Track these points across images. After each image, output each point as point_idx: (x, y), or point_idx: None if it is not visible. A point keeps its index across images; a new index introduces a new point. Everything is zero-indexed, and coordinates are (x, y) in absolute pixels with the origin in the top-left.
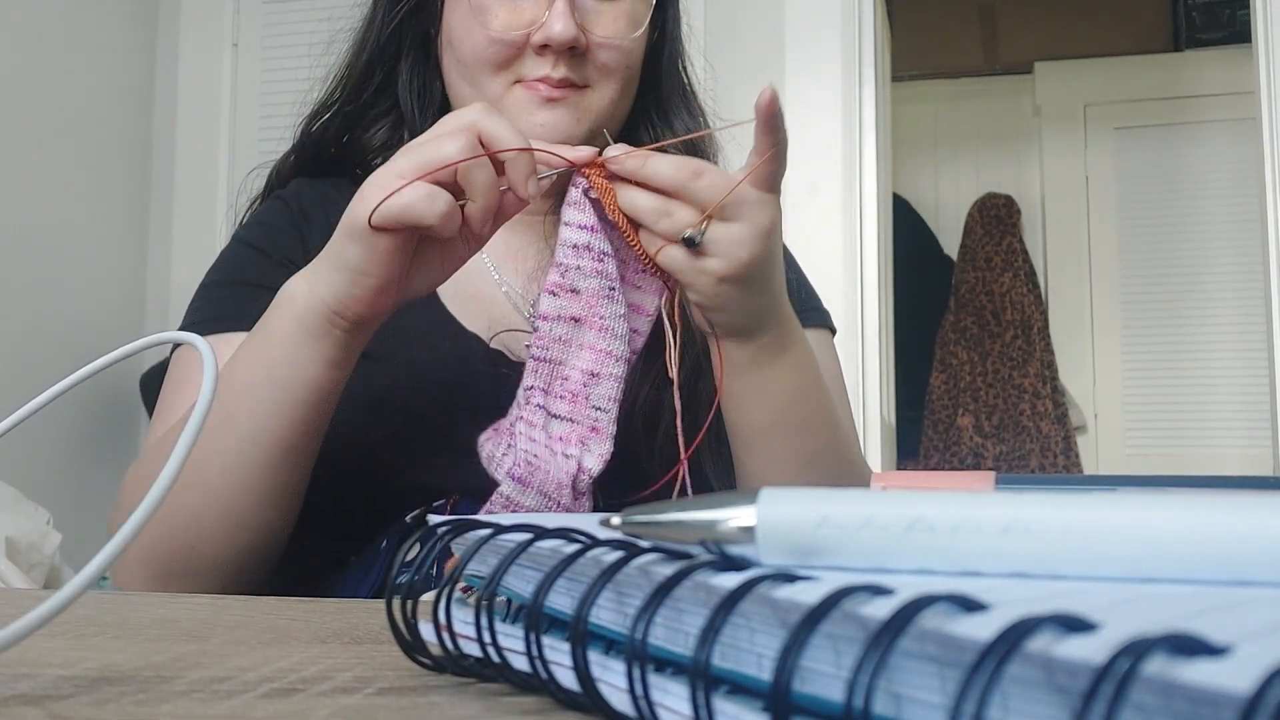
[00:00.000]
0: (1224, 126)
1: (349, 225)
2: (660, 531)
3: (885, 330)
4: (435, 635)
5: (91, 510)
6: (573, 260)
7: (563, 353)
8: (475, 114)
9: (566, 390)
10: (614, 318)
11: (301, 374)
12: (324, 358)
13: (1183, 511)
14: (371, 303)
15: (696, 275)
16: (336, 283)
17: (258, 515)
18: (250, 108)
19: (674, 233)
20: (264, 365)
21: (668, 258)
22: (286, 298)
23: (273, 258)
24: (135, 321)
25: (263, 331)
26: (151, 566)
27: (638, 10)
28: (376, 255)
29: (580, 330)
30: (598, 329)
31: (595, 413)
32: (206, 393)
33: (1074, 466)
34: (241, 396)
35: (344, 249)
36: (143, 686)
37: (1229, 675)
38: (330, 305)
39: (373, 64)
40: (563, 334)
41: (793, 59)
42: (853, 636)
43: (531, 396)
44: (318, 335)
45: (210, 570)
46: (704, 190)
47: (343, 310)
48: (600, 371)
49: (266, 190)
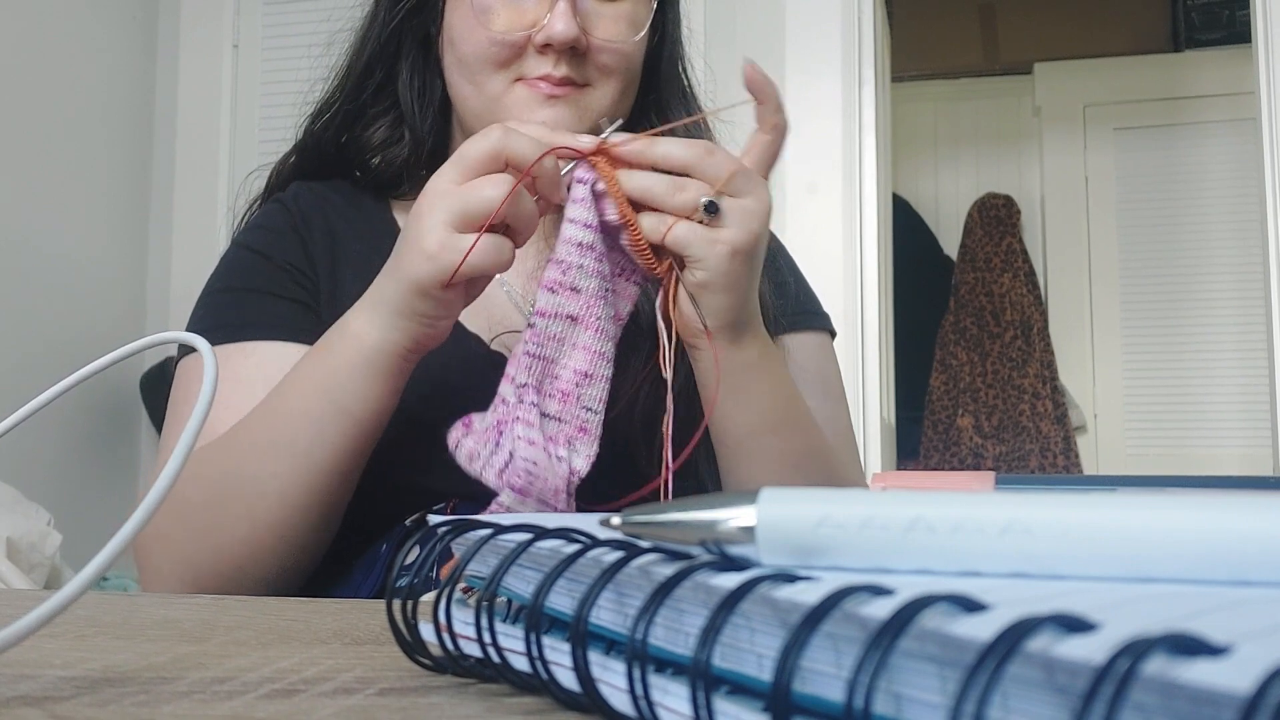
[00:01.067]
0: (1224, 127)
1: (419, 285)
2: (660, 532)
3: (885, 330)
4: (436, 636)
5: (92, 510)
6: (576, 258)
7: (556, 351)
8: (496, 140)
9: (557, 389)
10: (607, 319)
11: (370, 407)
12: (391, 390)
13: (1183, 511)
14: (440, 336)
15: (710, 247)
16: (410, 330)
17: (310, 537)
18: (250, 108)
19: (689, 205)
20: (327, 397)
21: (678, 234)
22: (353, 337)
23: (275, 261)
24: (135, 322)
25: (323, 364)
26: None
27: (639, 13)
28: (449, 305)
29: (576, 329)
30: (594, 329)
31: (585, 413)
32: (206, 393)
33: (1074, 466)
34: (303, 426)
35: (414, 304)
36: (143, 687)
37: (1229, 675)
38: (405, 347)
39: (373, 63)
40: (558, 332)
41: (793, 59)
42: (853, 636)
43: (525, 394)
44: (389, 373)
45: (254, 586)
46: (716, 166)
47: (416, 349)
48: (593, 372)
49: (266, 192)
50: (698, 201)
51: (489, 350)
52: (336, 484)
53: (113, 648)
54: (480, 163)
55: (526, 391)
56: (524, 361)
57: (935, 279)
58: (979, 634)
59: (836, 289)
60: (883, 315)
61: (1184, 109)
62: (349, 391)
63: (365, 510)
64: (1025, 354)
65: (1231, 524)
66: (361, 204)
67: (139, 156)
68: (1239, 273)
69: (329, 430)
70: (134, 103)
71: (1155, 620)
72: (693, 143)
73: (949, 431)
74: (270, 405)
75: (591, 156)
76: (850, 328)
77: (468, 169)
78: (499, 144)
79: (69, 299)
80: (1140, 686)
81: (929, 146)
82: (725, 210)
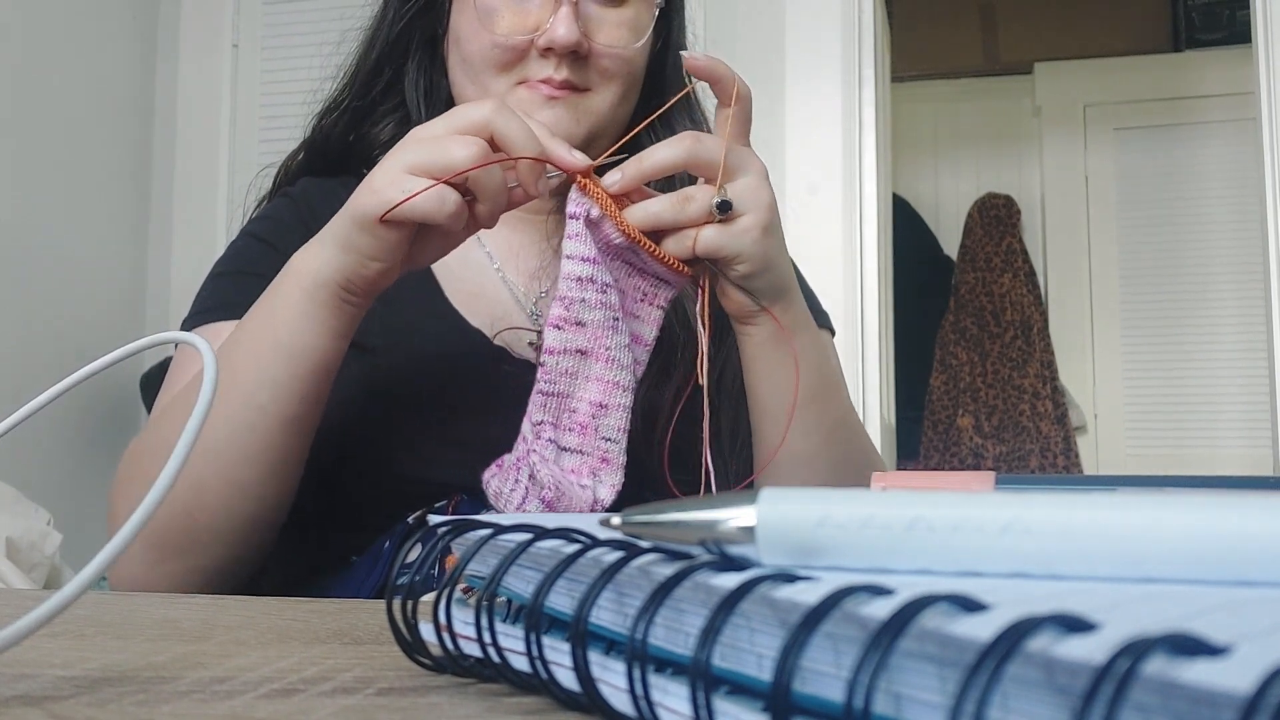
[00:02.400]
0: (1224, 127)
1: (357, 216)
2: (660, 532)
3: (885, 330)
4: (435, 635)
5: (92, 510)
6: (577, 293)
7: (570, 385)
8: (489, 112)
9: (575, 423)
10: (619, 348)
11: (309, 343)
12: (330, 328)
13: (1183, 511)
14: (377, 280)
15: (739, 238)
16: (346, 263)
17: (259, 484)
18: (250, 108)
19: (702, 213)
20: (271, 336)
21: (708, 242)
22: (293, 273)
23: (279, 249)
24: (135, 321)
25: (268, 304)
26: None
27: (641, 19)
28: (385, 245)
29: (586, 362)
30: (604, 360)
31: (605, 443)
32: (207, 391)
33: (1074, 466)
34: (248, 366)
35: (351, 235)
36: (143, 687)
37: (1229, 675)
38: (339, 282)
39: (381, 62)
40: (569, 367)
41: (793, 60)
42: (853, 636)
43: (542, 431)
44: (326, 307)
45: (211, 544)
46: (708, 152)
47: (350, 286)
48: (608, 403)
49: (275, 188)
50: (709, 206)
51: (492, 346)
52: (284, 426)
53: (112, 648)
54: (467, 127)
55: (543, 429)
56: (538, 400)
57: (935, 279)
58: (979, 634)
59: (836, 289)
60: (883, 315)
61: (1184, 109)
62: (286, 327)
63: (369, 504)
64: (1025, 354)
65: (1231, 524)
66: None
67: (139, 156)
68: (1239, 273)
69: (271, 370)
70: (134, 103)
71: (1155, 620)
72: (679, 138)
73: (949, 431)
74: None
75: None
76: (850, 328)
77: (452, 128)
78: (489, 116)
79: (69, 299)
80: (1140, 686)
81: (929, 146)
82: (735, 196)
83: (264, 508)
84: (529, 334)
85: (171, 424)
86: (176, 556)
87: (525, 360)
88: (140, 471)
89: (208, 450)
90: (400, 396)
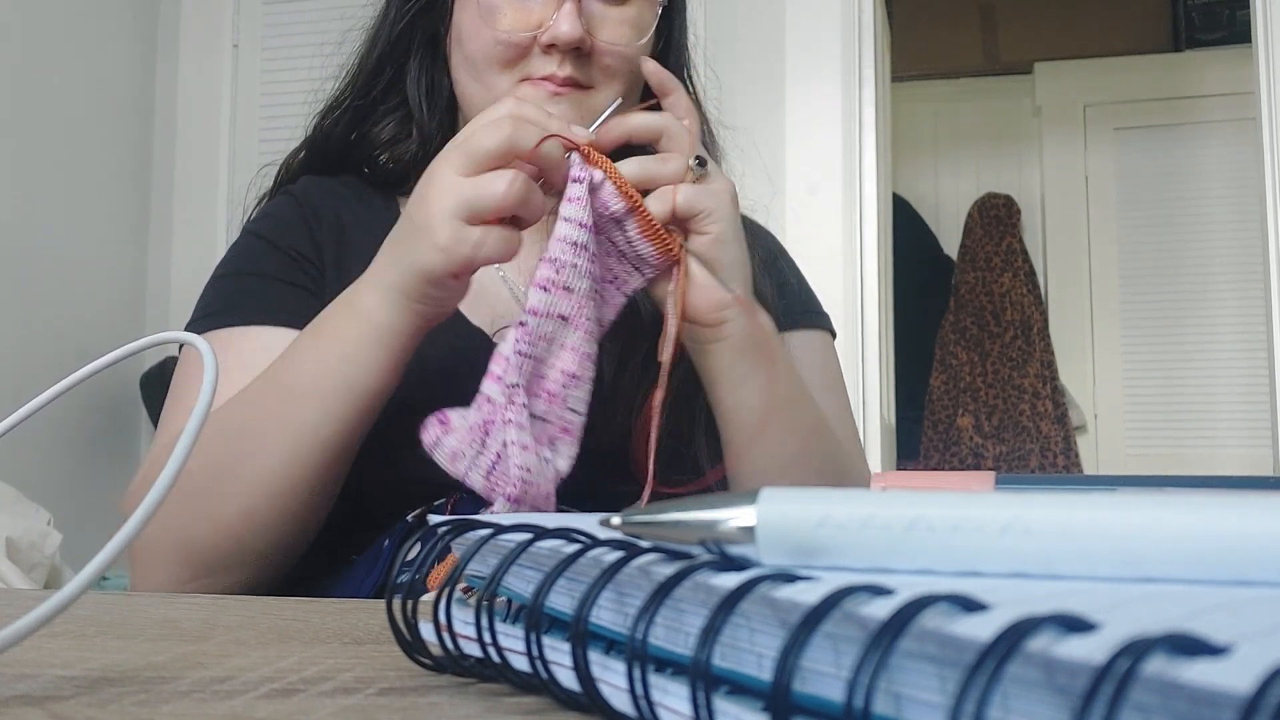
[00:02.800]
0: (1224, 126)
1: (429, 274)
2: (660, 531)
3: (885, 330)
4: (436, 635)
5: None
6: (570, 258)
7: (546, 350)
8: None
9: (544, 389)
10: (594, 321)
11: (377, 384)
12: (398, 369)
13: (1183, 511)
14: (446, 315)
15: (715, 198)
16: (421, 312)
17: (308, 511)
18: (250, 108)
19: (680, 169)
20: (336, 374)
21: (687, 197)
22: (364, 316)
23: (281, 249)
24: (135, 321)
25: (333, 342)
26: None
27: (644, 17)
28: (457, 293)
29: (566, 330)
30: (583, 330)
31: (570, 414)
32: (206, 393)
33: (1074, 466)
34: (311, 401)
35: (425, 290)
36: (143, 687)
37: (1229, 675)
38: (418, 327)
39: (383, 60)
40: (549, 331)
41: (793, 60)
42: (853, 636)
43: (516, 395)
44: (397, 352)
45: (254, 563)
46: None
47: (426, 329)
48: (580, 374)
49: (276, 186)
50: (688, 163)
51: (492, 345)
52: (336, 459)
53: (113, 647)
54: (491, 158)
55: (517, 393)
56: (515, 361)
57: (935, 279)
58: (979, 634)
59: (836, 289)
60: (883, 315)
61: (1184, 109)
62: (358, 368)
63: (368, 503)
64: (1025, 354)
65: (1231, 524)
66: (369, 199)
67: (139, 156)
68: (1239, 273)
69: (334, 406)
70: (134, 103)
71: (1155, 620)
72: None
73: (949, 431)
74: (274, 380)
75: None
76: (850, 328)
77: (476, 162)
78: (510, 140)
79: (69, 299)
80: (1140, 686)
81: (929, 146)
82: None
83: (308, 530)
84: None
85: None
86: (211, 575)
87: None
88: None
89: (260, 479)
90: (400, 396)
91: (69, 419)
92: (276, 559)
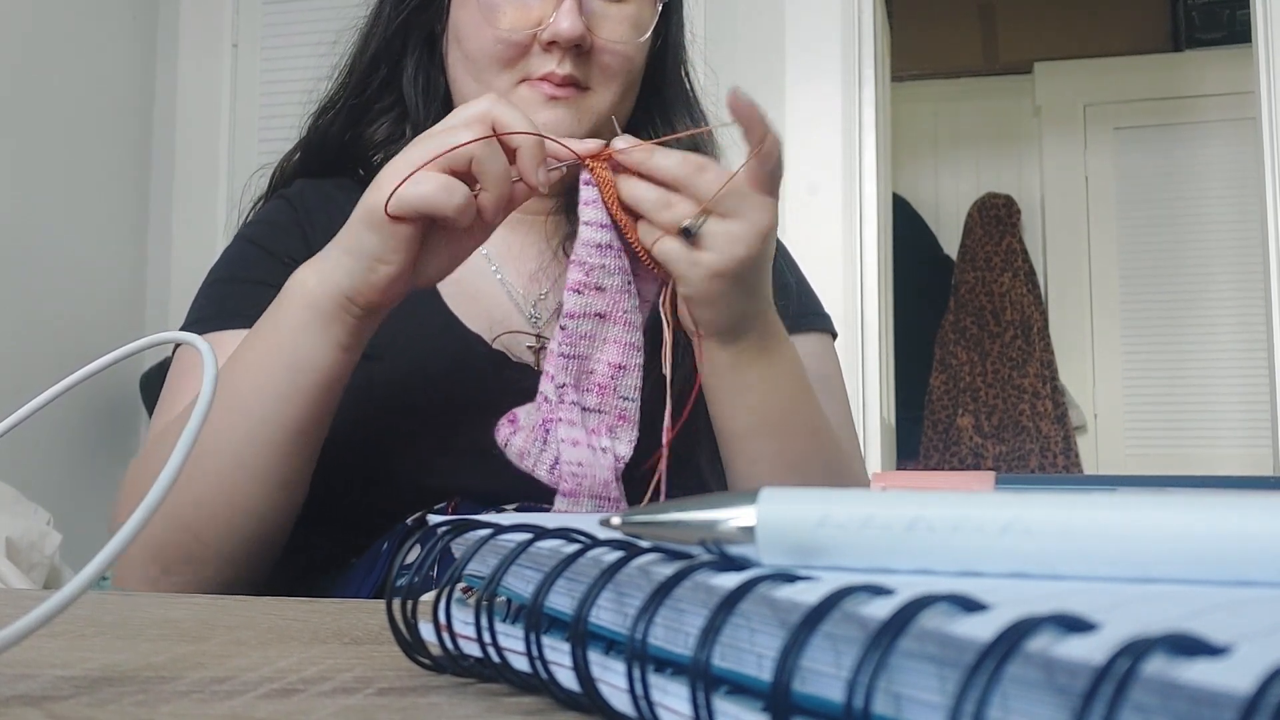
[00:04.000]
0: (1224, 126)
1: (366, 214)
2: (660, 531)
3: (885, 330)
4: (435, 635)
5: (91, 510)
6: (597, 259)
7: (589, 348)
8: (487, 103)
9: (594, 384)
10: (632, 310)
11: (313, 358)
12: (336, 342)
13: (1183, 511)
14: (385, 290)
15: (690, 268)
16: (352, 269)
17: (264, 503)
18: (250, 108)
19: (673, 223)
20: (275, 350)
21: (663, 250)
22: (298, 284)
23: (276, 255)
24: (135, 321)
25: (273, 318)
26: (154, 559)
27: (643, 15)
28: (393, 243)
29: (604, 325)
30: (622, 323)
31: (623, 402)
32: (206, 392)
33: (1074, 466)
34: (251, 381)
35: (360, 237)
36: (143, 687)
37: (1229, 675)
38: (345, 291)
39: (378, 59)
40: (589, 330)
41: (793, 60)
42: (853, 636)
43: (565, 394)
44: (331, 320)
45: (213, 561)
46: (706, 185)
47: (356, 296)
48: (626, 364)
49: (271, 189)
50: (678, 224)
51: (490, 350)
52: (288, 444)
53: (112, 648)
54: (468, 119)
55: (566, 391)
56: (559, 363)
57: (935, 279)
58: (979, 634)
59: (836, 289)
60: (883, 315)
61: (1184, 109)
62: (294, 345)
63: (367, 508)
64: (1025, 354)
65: (1231, 524)
66: None
67: (139, 156)
68: (1239, 273)
69: (277, 386)
70: (134, 103)
71: (1155, 620)
72: (687, 158)
73: (949, 431)
74: (225, 365)
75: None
76: (850, 328)
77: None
78: (489, 105)
79: (69, 299)
80: (1140, 686)
81: (929, 146)
82: (706, 234)
83: (266, 527)
84: (528, 338)
85: None
86: (178, 571)
87: (524, 364)
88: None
89: (208, 467)
90: (399, 402)
91: (69, 419)
92: (239, 559)
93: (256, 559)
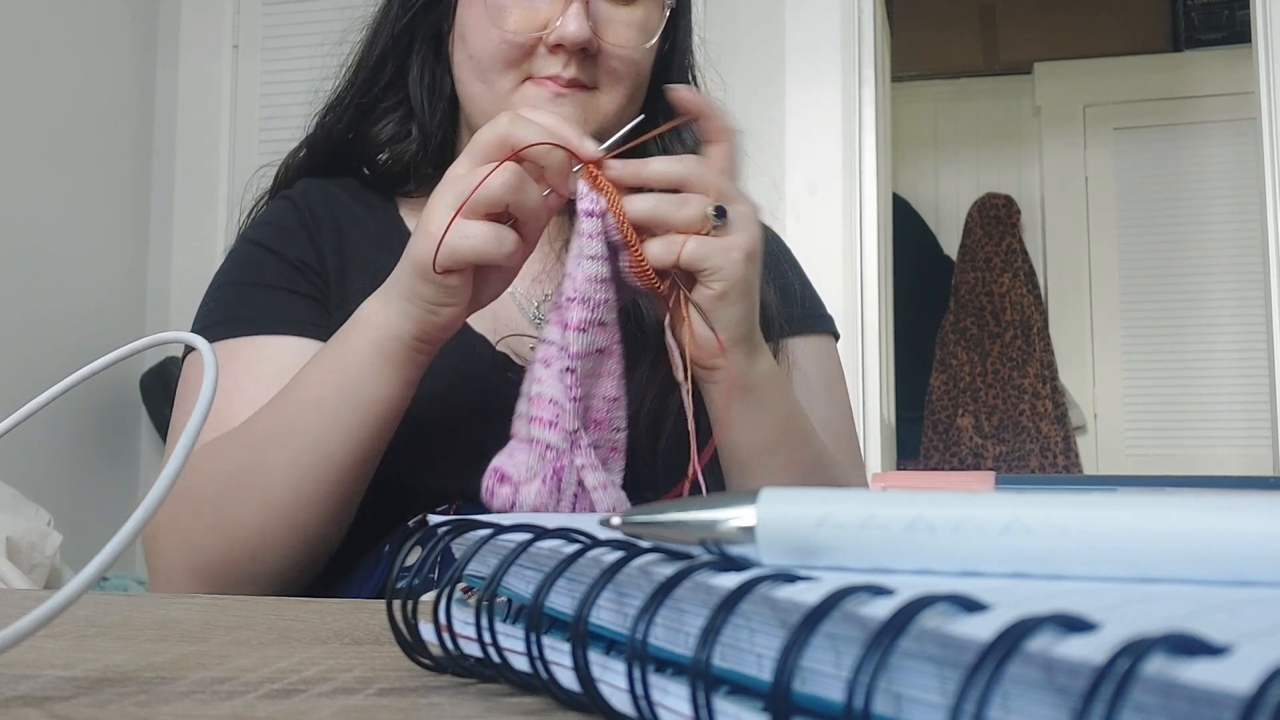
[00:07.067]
0: (1224, 126)
1: (416, 267)
2: (660, 532)
3: (885, 330)
4: (436, 636)
5: (92, 510)
6: (601, 295)
7: (591, 386)
8: (505, 126)
9: (591, 420)
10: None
11: (380, 395)
12: (402, 379)
13: (1183, 511)
14: (448, 326)
15: (726, 255)
16: (416, 316)
17: (322, 527)
18: (250, 108)
19: (696, 218)
20: (340, 385)
21: (694, 252)
22: (364, 323)
23: (284, 257)
24: (135, 321)
25: (336, 352)
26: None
27: (651, 20)
28: (449, 292)
29: (603, 360)
30: (616, 356)
31: (615, 434)
32: (207, 392)
33: (1074, 466)
34: (315, 413)
35: (416, 287)
36: (143, 687)
37: (1229, 675)
38: (413, 334)
39: (385, 58)
40: (591, 367)
41: (793, 61)
42: (853, 636)
43: (579, 439)
44: (397, 360)
45: (268, 578)
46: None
47: (424, 337)
48: (618, 395)
49: (274, 188)
50: (705, 212)
51: (494, 352)
52: (348, 473)
53: (113, 648)
54: (488, 149)
55: (580, 436)
56: (570, 408)
57: (935, 279)
58: (979, 634)
59: (836, 289)
60: (883, 315)
61: (1184, 109)
62: (358, 379)
63: (369, 510)
64: (1025, 354)
65: (1231, 524)
66: (369, 202)
67: (139, 156)
68: (1239, 273)
69: (340, 418)
70: (134, 103)
71: (1155, 620)
72: (684, 157)
73: (949, 431)
74: (285, 395)
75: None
76: (850, 328)
77: (476, 157)
78: (506, 131)
79: (69, 299)
80: (1140, 686)
81: (929, 146)
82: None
83: (322, 548)
84: (532, 340)
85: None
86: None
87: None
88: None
89: (271, 497)
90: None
91: (69, 419)
92: (290, 577)
93: (309, 575)
